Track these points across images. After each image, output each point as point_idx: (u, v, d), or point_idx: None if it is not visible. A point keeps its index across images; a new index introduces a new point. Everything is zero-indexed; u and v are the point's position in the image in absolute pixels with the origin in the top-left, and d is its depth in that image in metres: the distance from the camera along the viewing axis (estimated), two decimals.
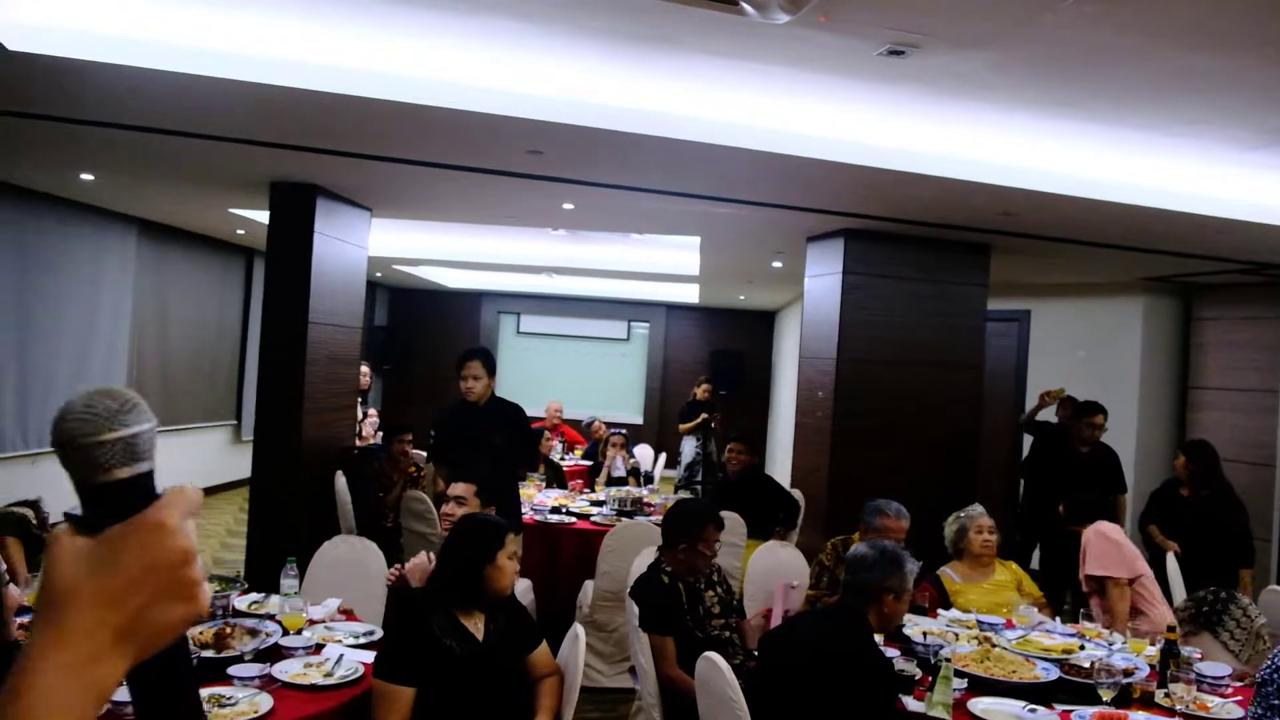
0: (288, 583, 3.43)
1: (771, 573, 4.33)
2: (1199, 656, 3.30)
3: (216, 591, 3.38)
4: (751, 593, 4.47)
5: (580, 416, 11.73)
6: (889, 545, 2.96)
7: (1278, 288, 7.05)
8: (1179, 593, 4.85)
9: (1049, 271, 7.98)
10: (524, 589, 4.96)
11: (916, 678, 3.03)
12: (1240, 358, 7.49)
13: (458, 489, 3.72)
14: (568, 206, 6.28)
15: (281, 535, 5.64)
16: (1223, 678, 3.14)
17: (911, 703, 2.85)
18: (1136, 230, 5.72)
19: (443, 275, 12.37)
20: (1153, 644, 3.37)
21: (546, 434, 6.75)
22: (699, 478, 9.42)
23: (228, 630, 3.02)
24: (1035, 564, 6.70)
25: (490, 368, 5.03)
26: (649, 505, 6.09)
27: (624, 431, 8.10)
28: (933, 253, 6.43)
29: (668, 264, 9.77)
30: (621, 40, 3.63)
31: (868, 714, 2.62)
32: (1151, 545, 5.50)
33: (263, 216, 6.49)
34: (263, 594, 3.61)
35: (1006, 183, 4.81)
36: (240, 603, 3.49)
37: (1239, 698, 3.06)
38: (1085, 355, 8.34)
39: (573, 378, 13.60)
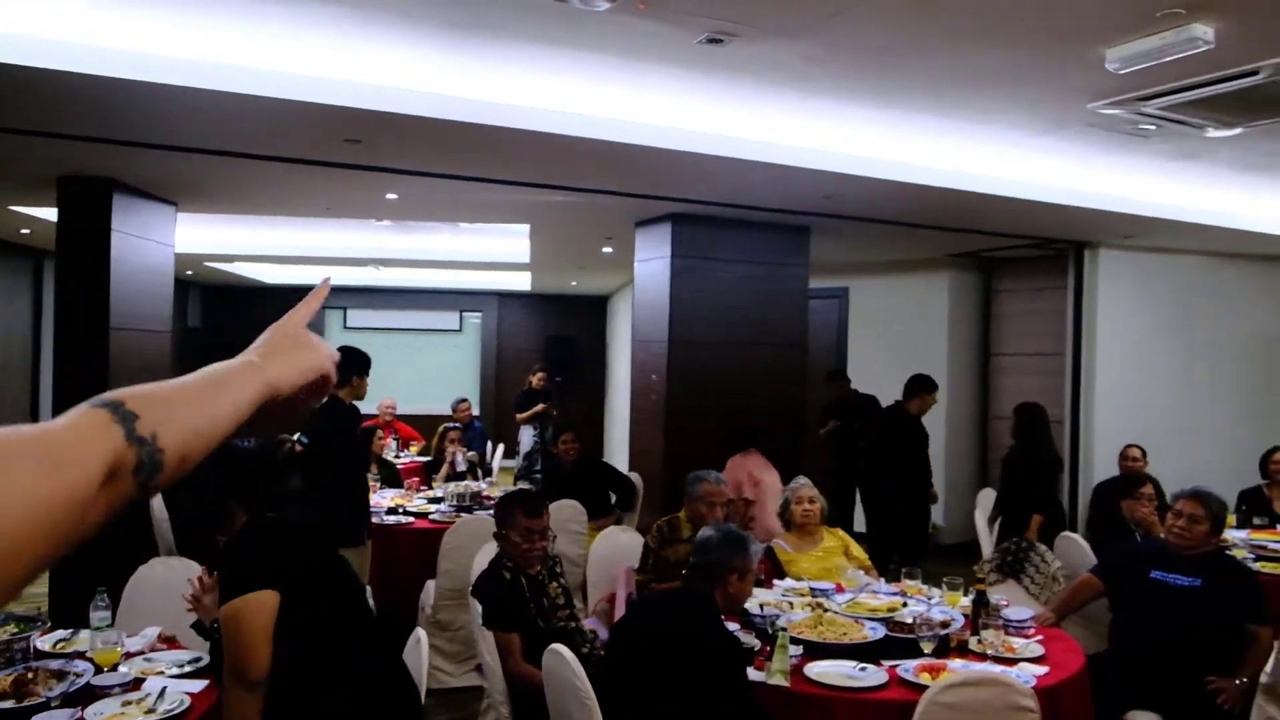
0: (98, 615, 3.16)
1: (613, 557, 4.39)
2: (1005, 603, 3.58)
3: (12, 634, 3.08)
4: (595, 579, 4.52)
5: (418, 411, 11.53)
6: (733, 528, 3.05)
7: (1063, 260, 7.67)
8: (988, 546, 5.24)
9: (865, 251, 8.39)
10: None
11: (756, 649, 3.15)
12: (1033, 325, 8.12)
13: None
14: (391, 197, 6.12)
15: (88, 563, 5.24)
16: (1025, 621, 3.42)
17: (753, 673, 2.96)
18: (944, 211, 6.10)
19: (261, 271, 11.79)
20: (966, 595, 3.62)
21: (379, 432, 6.56)
22: (538, 467, 9.41)
23: (29, 676, 2.72)
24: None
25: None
26: (489, 499, 6.03)
27: (458, 426, 7.99)
28: (757, 235, 6.65)
29: (498, 252, 9.68)
30: (444, 27, 3.57)
31: (720, 692, 2.70)
32: None
33: (51, 214, 6.00)
34: (69, 630, 3.29)
35: (826, 168, 5.02)
36: (43, 643, 3.16)
37: (1040, 637, 3.34)
38: (900, 328, 8.82)
39: (406, 372, 13.27)
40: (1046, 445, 5.85)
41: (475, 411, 9.30)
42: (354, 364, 4.83)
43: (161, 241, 6.19)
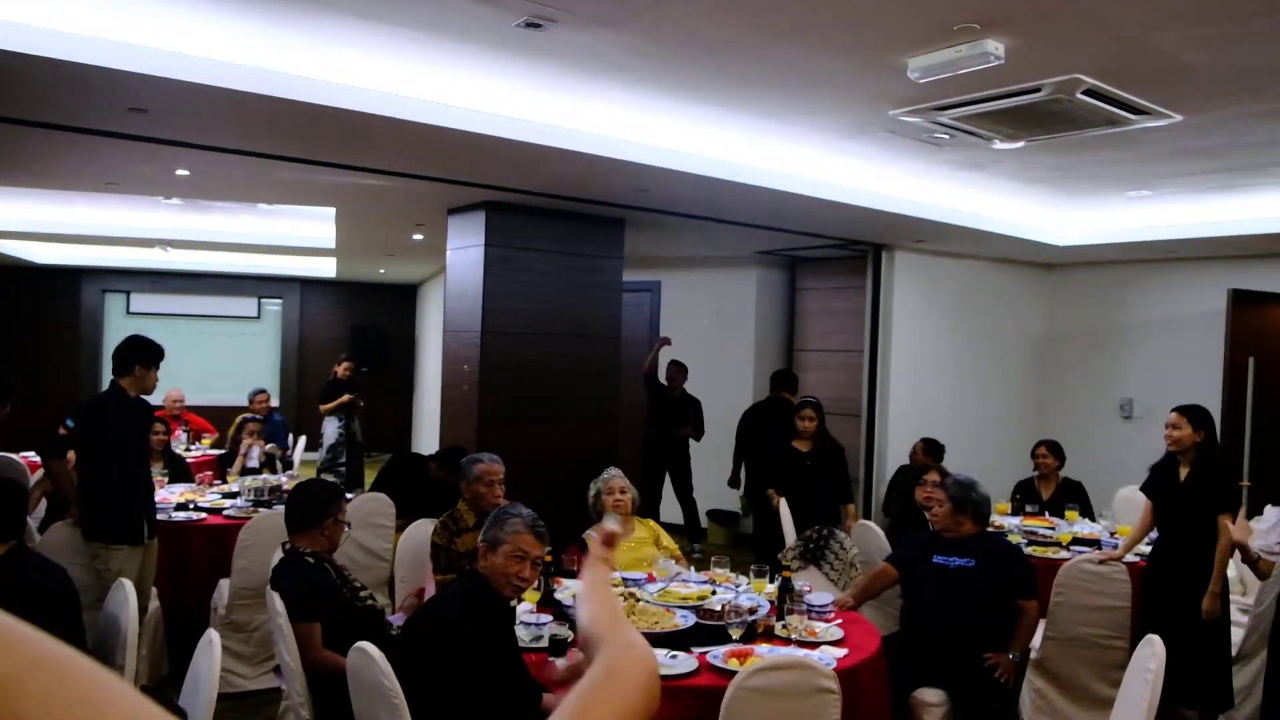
0: None
1: (421, 550, 4.25)
2: (808, 589, 3.72)
3: None
4: (403, 575, 4.37)
5: (212, 402, 10.83)
6: (496, 508, 3.05)
7: (861, 261, 8.09)
8: (790, 534, 5.44)
9: (678, 245, 8.54)
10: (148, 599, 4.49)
11: (569, 640, 3.12)
12: (834, 323, 8.52)
13: None
14: (182, 173, 5.68)
15: None
16: (826, 606, 3.56)
17: (563, 663, 2.93)
18: (755, 207, 6.27)
19: (27, 250, 10.72)
20: (771, 582, 3.74)
21: (159, 426, 6.10)
22: (343, 459, 9.05)
23: None
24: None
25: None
26: (286, 493, 5.73)
27: (257, 418, 7.57)
28: (572, 226, 6.62)
29: (300, 236, 9.22)
30: None
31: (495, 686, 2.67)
32: None
33: None
34: None
35: (642, 160, 5.04)
36: None
37: (839, 621, 3.49)
38: (710, 323, 9.05)
39: (199, 361, 12.41)
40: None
41: (275, 403, 8.84)
42: (140, 354, 4.51)
43: None
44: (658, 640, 3.17)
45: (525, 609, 3.42)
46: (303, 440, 8.52)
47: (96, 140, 4.64)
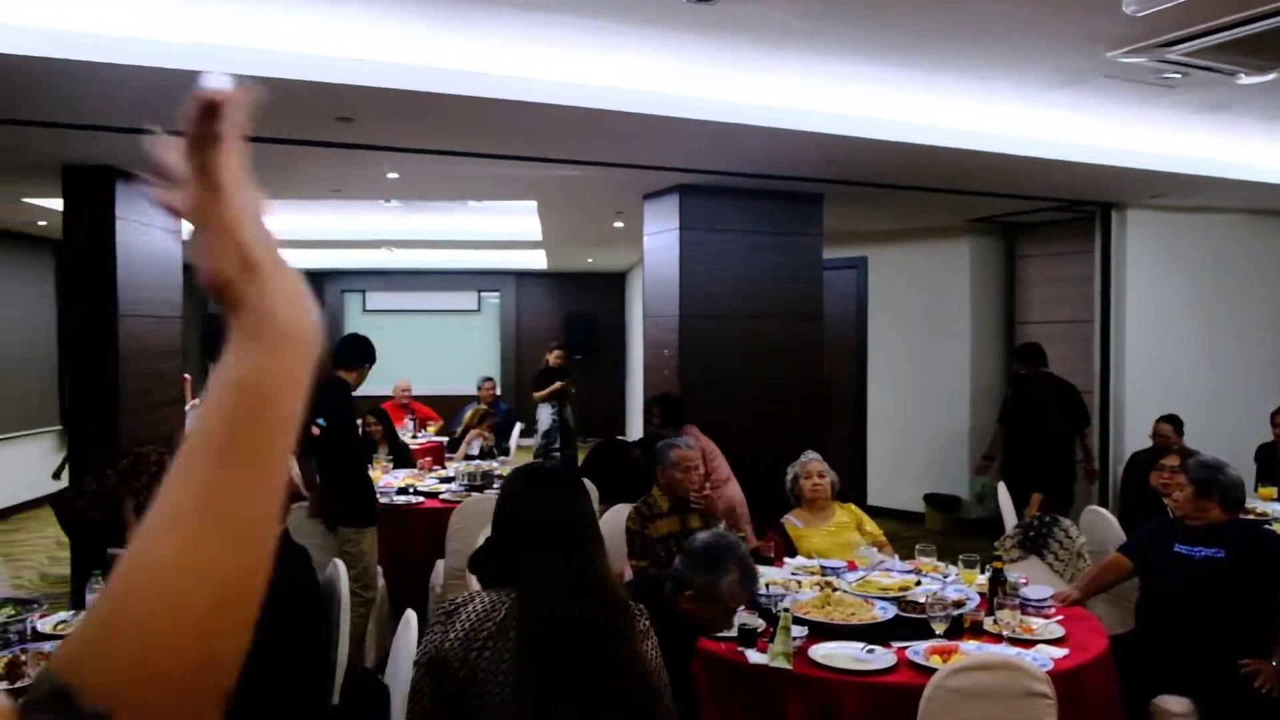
0: (92, 598, 3.15)
1: (618, 534, 4.27)
2: (1024, 581, 3.43)
3: (9, 616, 3.08)
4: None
5: (437, 392, 11.50)
6: (722, 539, 2.71)
7: (1087, 224, 7.43)
8: (1010, 519, 5.08)
9: (882, 218, 8.19)
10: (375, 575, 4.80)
11: (759, 630, 3.03)
12: (1059, 292, 7.88)
13: None
14: (392, 176, 6.01)
15: (107, 546, 5.24)
16: (1045, 600, 3.27)
17: (755, 655, 2.85)
18: (958, 173, 5.90)
19: None
20: (983, 573, 3.48)
21: (368, 418, 6.53)
22: (557, 445, 9.33)
23: (22, 658, 2.75)
24: None
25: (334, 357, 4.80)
26: (500, 478, 5.95)
27: (490, 411, 7.98)
28: (767, 205, 6.47)
29: (510, 230, 9.57)
30: None
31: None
32: None
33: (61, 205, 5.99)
34: (72, 613, 3.32)
35: (830, 130, 4.85)
36: (44, 624, 3.18)
37: (1060, 617, 3.19)
38: (923, 297, 8.62)
39: (426, 353, 13.22)
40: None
41: (498, 391, 9.23)
42: (369, 352, 4.85)
43: (166, 228, 6.14)
44: (855, 633, 3.02)
45: None
46: (518, 427, 8.85)
47: (314, 151, 4.97)
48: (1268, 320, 7.66)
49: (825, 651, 2.88)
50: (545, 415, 9.48)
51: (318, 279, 13.07)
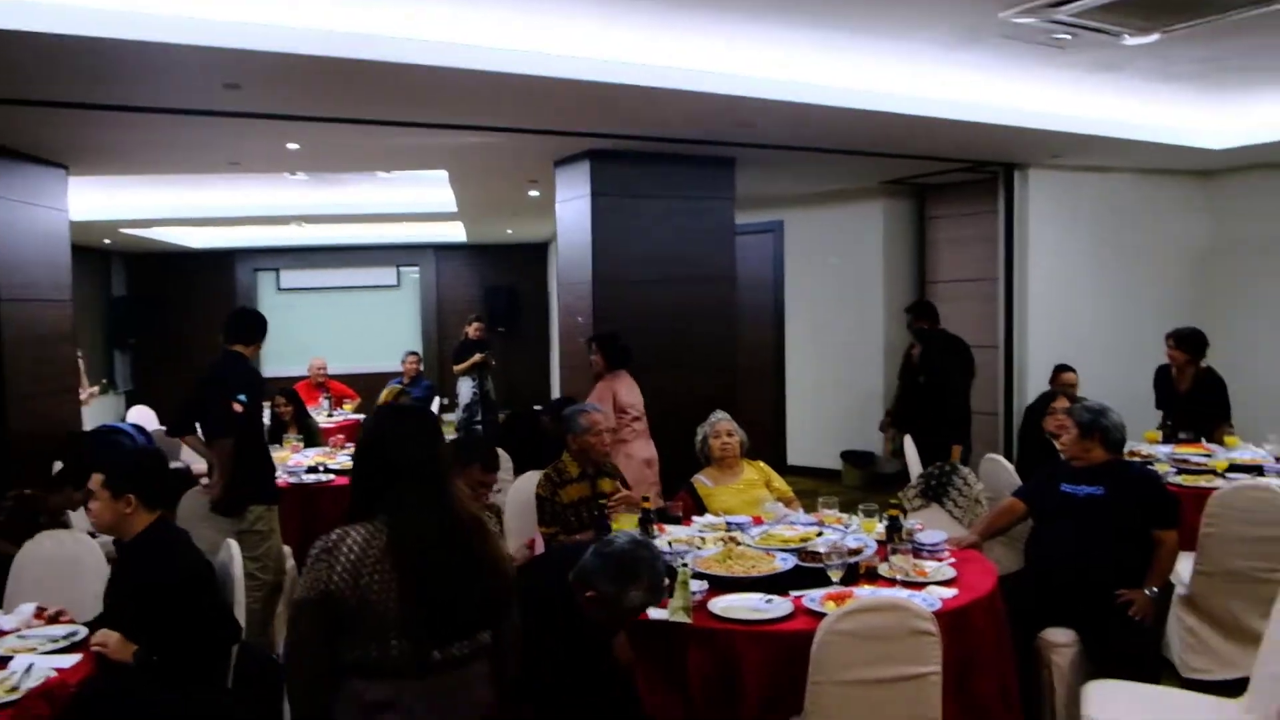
0: None
1: (529, 502, 4.28)
2: (919, 527, 3.53)
3: None
4: (513, 525, 4.41)
5: (359, 369, 11.35)
6: (637, 544, 2.63)
7: (993, 184, 7.59)
8: (916, 470, 5.20)
9: (796, 181, 8.26)
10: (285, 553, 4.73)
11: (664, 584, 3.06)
12: (967, 251, 8.06)
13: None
14: (292, 147, 5.86)
15: None
16: (939, 544, 3.37)
17: (655, 611, 2.88)
18: (866, 134, 5.96)
19: (185, 235, 11.41)
20: (881, 522, 3.56)
21: (278, 399, 6.43)
22: (479, 418, 9.28)
23: None
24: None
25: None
26: None
27: (404, 385, 7.91)
28: (679, 169, 6.48)
29: (425, 202, 9.41)
30: None
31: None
32: None
33: None
34: None
35: (739, 93, 4.85)
36: None
37: (952, 560, 3.29)
38: (837, 260, 8.74)
39: (345, 330, 12.98)
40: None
41: (421, 368, 9.10)
42: (263, 327, 4.68)
43: (53, 207, 5.90)
44: (755, 585, 3.08)
45: None
46: (438, 402, 8.76)
47: (199, 120, 4.80)
48: (1161, 275, 7.93)
49: (725, 604, 2.93)
50: (466, 388, 9.42)
51: (227, 257, 12.71)
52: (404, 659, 2.15)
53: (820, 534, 3.56)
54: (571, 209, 6.52)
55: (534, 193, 8.32)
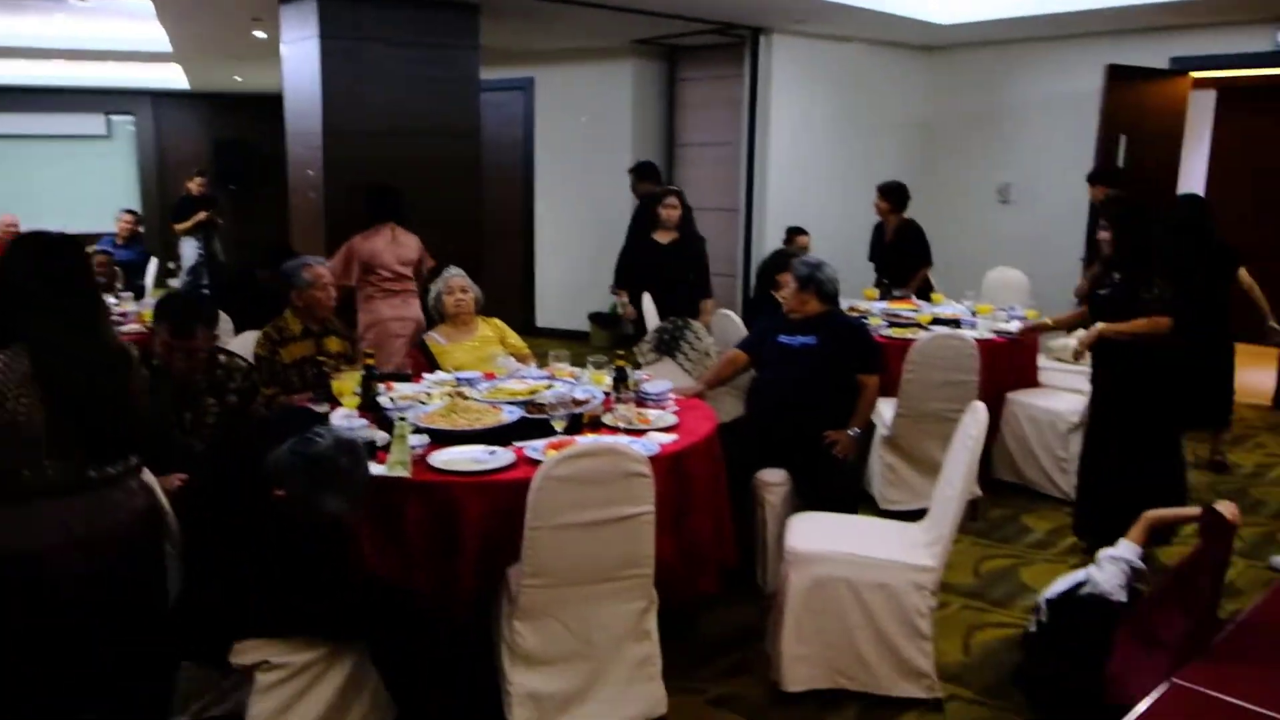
0: None
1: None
2: (646, 378, 3.60)
3: None
4: None
5: (65, 228, 10.09)
6: (340, 444, 2.44)
7: (741, 49, 7.66)
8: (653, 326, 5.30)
9: (548, 36, 7.97)
10: None
11: (381, 443, 2.96)
12: (714, 115, 8.15)
13: None
14: None
15: None
16: (663, 393, 3.46)
17: (375, 467, 2.78)
18: None
19: None
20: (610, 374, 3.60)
21: None
22: (205, 282, 8.58)
23: None
24: None
25: None
26: (122, 316, 5.38)
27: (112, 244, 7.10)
28: (418, 13, 6.03)
29: (129, 38, 8.35)
30: None
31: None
32: None
33: None
34: None
35: None
36: None
37: (675, 408, 3.39)
38: (586, 119, 8.61)
39: (46, 185, 11.52)
40: None
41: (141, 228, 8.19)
42: None
43: None
44: (478, 437, 3.03)
45: (342, 414, 3.23)
46: (153, 265, 7.93)
47: None
48: (890, 144, 8.39)
49: (446, 457, 2.87)
50: (190, 250, 8.66)
51: None
52: (59, 478, 2.24)
53: (550, 387, 3.56)
54: (298, 52, 5.96)
55: (260, 34, 7.55)
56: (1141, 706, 2.36)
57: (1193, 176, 8.78)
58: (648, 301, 5.36)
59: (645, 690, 2.81)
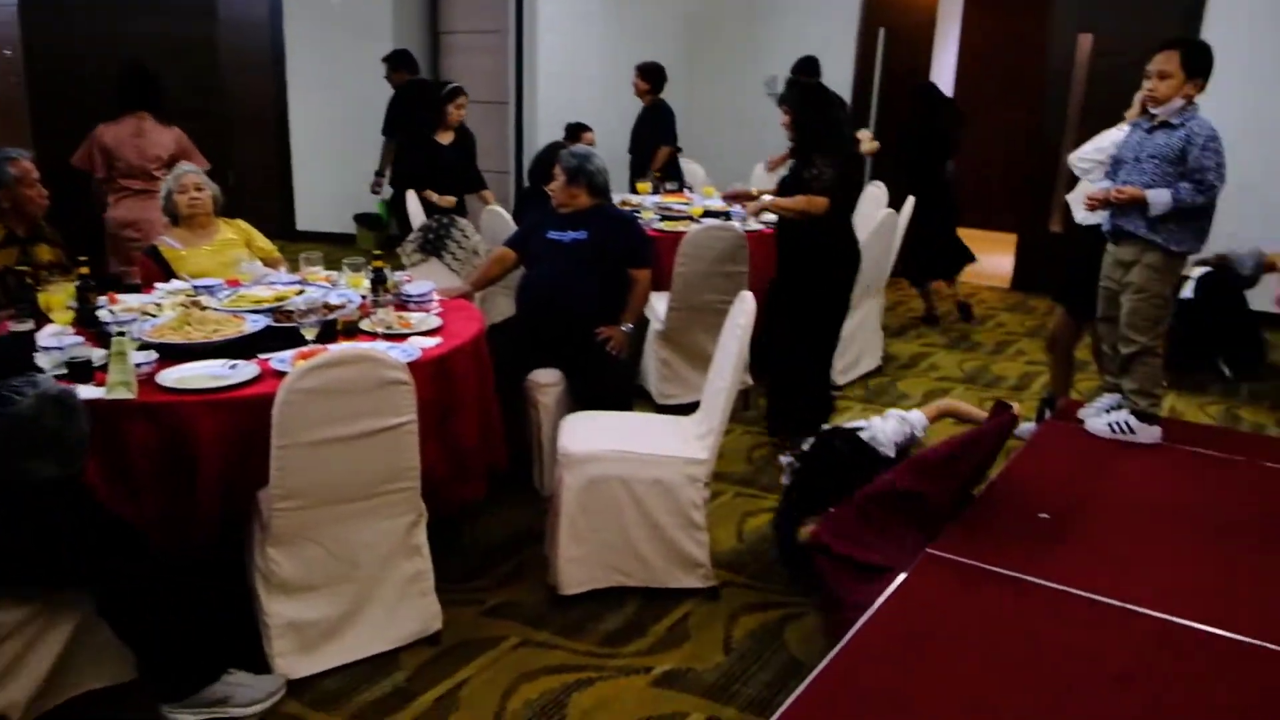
0: None
1: None
2: (407, 279, 3.37)
3: None
4: None
5: None
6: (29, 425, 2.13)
7: None
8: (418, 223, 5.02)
9: None
10: None
11: (98, 362, 2.60)
12: (479, 1, 7.70)
13: None
14: None
15: None
16: (425, 295, 3.25)
17: (89, 390, 2.43)
18: None
19: None
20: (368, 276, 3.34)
21: None
22: None
23: None
24: None
25: None
26: None
27: None
28: None
29: None
30: None
31: None
32: None
33: None
34: None
35: None
36: None
37: (439, 310, 3.20)
38: (340, 1, 7.93)
39: None
40: None
41: None
42: None
43: None
44: (217, 350, 2.73)
45: (52, 331, 2.82)
46: None
47: None
48: (667, 36, 8.23)
49: (180, 374, 2.56)
50: None
51: None
52: None
53: (301, 292, 3.26)
54: None
55: None
56: (901, 577, 2.48)
57: (944, 71, 9.23)
58: (413, 200, 5.04)
59: (418, 607, 2.68)
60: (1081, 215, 3.89)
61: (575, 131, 6.47)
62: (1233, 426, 4.65)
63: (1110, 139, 3.80)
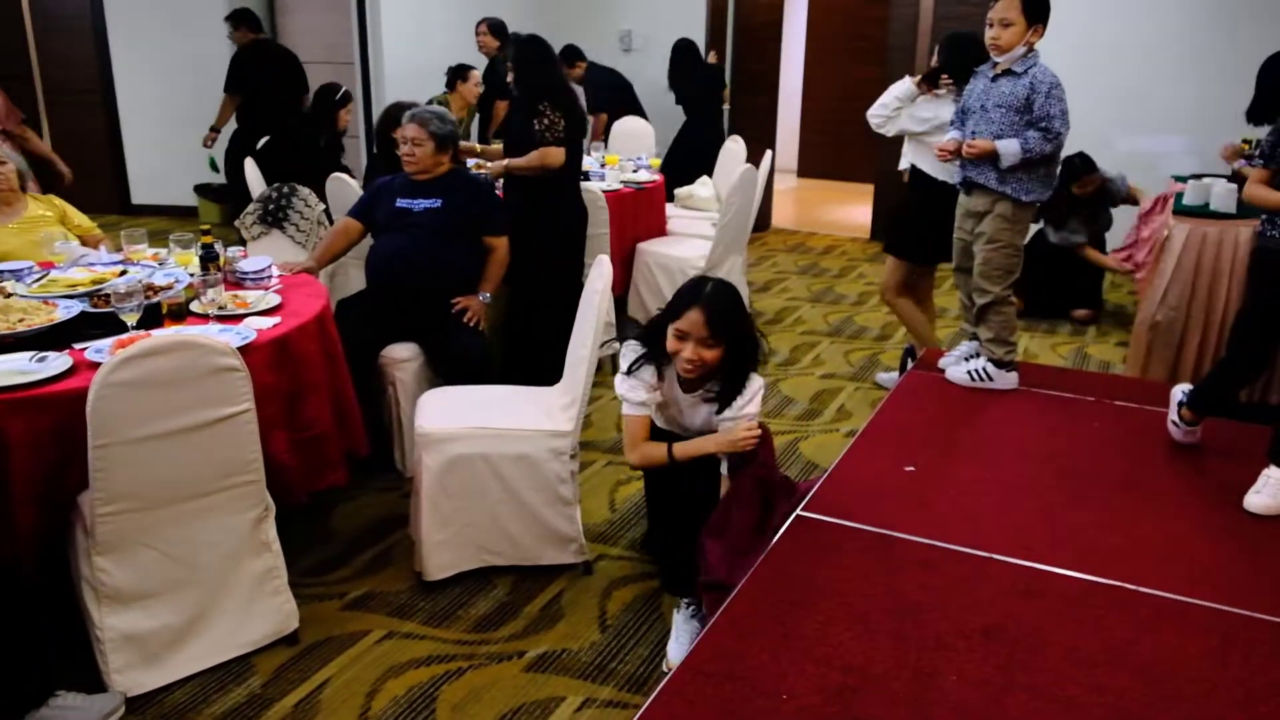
0: None
1: None
2: (241, 255, 3.13)
3: None
4: None
5: None
6: None
7: None
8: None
9: None
10: None
11: None
12: None
13: None
14: None
15: None
16: (263, 271, 3.02)
17: None
18: None
19: None
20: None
21: None
22: None
23: None
24: None
25: None
26: None
27: None
28: None
29: None
30: None
31: None
32: None
33: None
34: None
35: None
36: None
37: (279, 287, 2.98)
38: None
39: None
40: None
41: None
42: None
43: None
44: (21, 343, 2.46)
45: None
46: None
47: None
48: None
49: None
50: None
51: None
52: None
53: (124, 273, 2.98)
54: None
55: None
56: (774, 539, 2.44)
57: (795, 25, 9.28)
58: (251, 168, 4.70)
59: (271, 606, 2.51)
60: (929, 166, 3.94)
61: (463, 72, 6.02)
62: (1082, 367, 4.85)
63: (894, 94, 3.89)
